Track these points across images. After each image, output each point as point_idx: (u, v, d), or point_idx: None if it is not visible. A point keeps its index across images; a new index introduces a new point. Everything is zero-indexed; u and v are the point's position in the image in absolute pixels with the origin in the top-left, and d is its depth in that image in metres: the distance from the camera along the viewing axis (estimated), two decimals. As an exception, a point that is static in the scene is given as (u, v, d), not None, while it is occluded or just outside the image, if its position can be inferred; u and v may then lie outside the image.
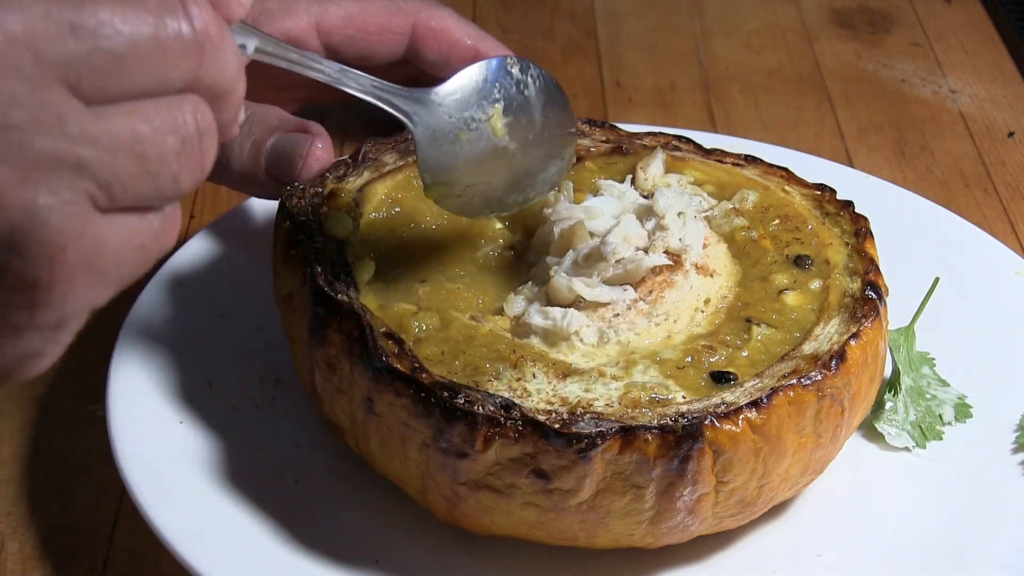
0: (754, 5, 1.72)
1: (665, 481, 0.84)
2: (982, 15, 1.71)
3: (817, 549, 0.94)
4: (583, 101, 1.51)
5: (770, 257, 0.98)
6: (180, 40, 0.58)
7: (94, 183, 0.56)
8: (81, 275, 0.56)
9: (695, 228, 0.96)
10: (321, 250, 0.95)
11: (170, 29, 0.58)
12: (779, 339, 0.91)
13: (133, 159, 0.57)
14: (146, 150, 0.57)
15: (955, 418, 1.03)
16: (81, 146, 0.55)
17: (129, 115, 0.57)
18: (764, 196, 1.03)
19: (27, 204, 0.54)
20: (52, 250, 0.55)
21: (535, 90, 0.91)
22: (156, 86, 0.58)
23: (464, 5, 1.69)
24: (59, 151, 0.54)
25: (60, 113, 0.54)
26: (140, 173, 0.57)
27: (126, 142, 0.57)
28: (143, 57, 0.57)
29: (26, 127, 0.53)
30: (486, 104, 0.89)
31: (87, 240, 0.56)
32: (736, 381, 0.87)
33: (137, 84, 0.57)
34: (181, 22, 0.58)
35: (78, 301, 0.57)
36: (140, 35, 0.57)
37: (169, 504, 0.91)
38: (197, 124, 0.59)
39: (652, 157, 1.05)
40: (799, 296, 0.94)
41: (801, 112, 1.51)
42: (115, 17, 0.56)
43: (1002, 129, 1.49)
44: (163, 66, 0.58)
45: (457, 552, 0.92)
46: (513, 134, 0.90)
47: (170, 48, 0.58)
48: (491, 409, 0.83)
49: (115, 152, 0.56)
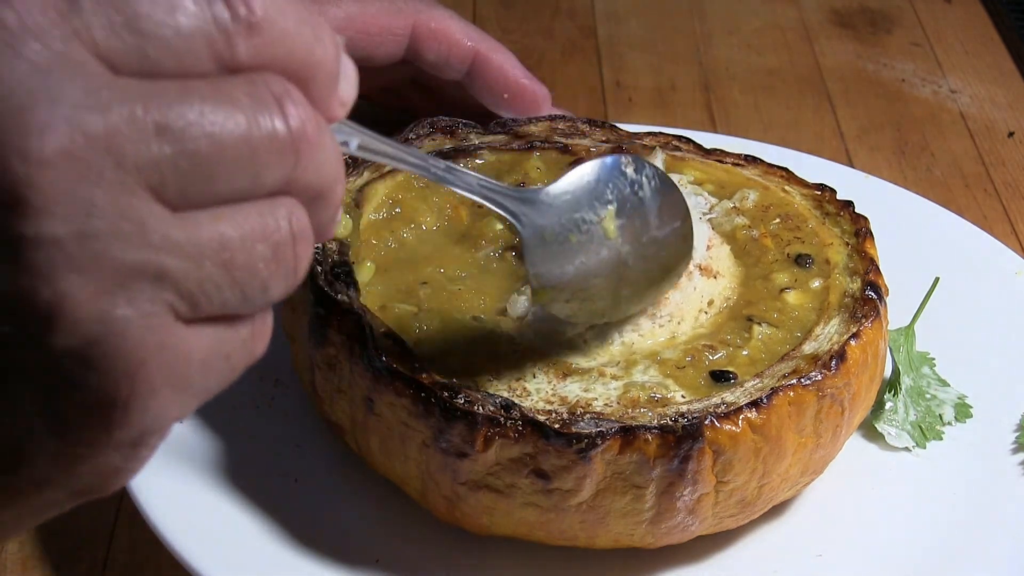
0: (754, 5, 1.72)
1: (665, 481, 0.84)
2: (982, 15, 1.71)
3: (817, 549, 0.94)
4: (583, 101, 1.51)
5: (771, 256, 0.98)
6: (275, 140, 0.53)
7: (176, 293, 0.51)
8: (162, 389, 0.52)
9: (699, 230, 0.96)
10: (321, 250, 0.95)
11: (264, 129, 0.52)
12: (780, 338, 0.91)
13: (220, 268, 0.52)
14: (234, 258, 0.52)
15: (955, 418, 1.03)
16: (164, 255, 0.50)
17: (216, 220, 0.52)
18: (764, 195, 1.03)
19: (104, 316, 0.49)
20: (131, 365, 0.51)
21: (650, 191, 0.85)
22: (247, 190, 0.53)
23: (464, 5, 1.69)
24: (140, 261, 0.50)
25: (142, 220, 0.50)
26: (227, 282, 0.53)
27: (213, 250, 0.52)
28: (234, 160, 0.52)
29: (106, 236, 0.49)
30: (598, 205, 0.83)
31: (168, 353, 0.52)
32: (736, 380, 0.87)
33: (226, 188, 0.52)
34: (275, 121, 0.52)
35: (159, 416, 0.53)
36: (231, 136, 0.52)
37: (169, 504, 0.91)
38: (291, 229, 0.54)
39: (652, 157, 1.05)
40: (800, 295, 0.94)
41: (801, 112, 1.51)
42: (205, 118, 0.51)
43: (1002, 129, 1.49)
44: (255, 168, 0.53)
45: (457, 552, 0.92)
46: (626, 236, 0.84)
47: (263, 149, 0.52)
48: (491, 409, 0.83)
49: (200, 261, 0.52)
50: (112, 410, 0.51)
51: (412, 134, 1.07)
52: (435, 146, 1.07)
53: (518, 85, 1.15)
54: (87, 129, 0.49)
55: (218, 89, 0.52)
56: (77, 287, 0.49)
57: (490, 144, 1.08)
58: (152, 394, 0.52)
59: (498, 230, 1.00)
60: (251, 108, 0.52)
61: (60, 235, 0.48)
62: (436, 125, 1.09)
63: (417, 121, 1.09)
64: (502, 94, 1.16)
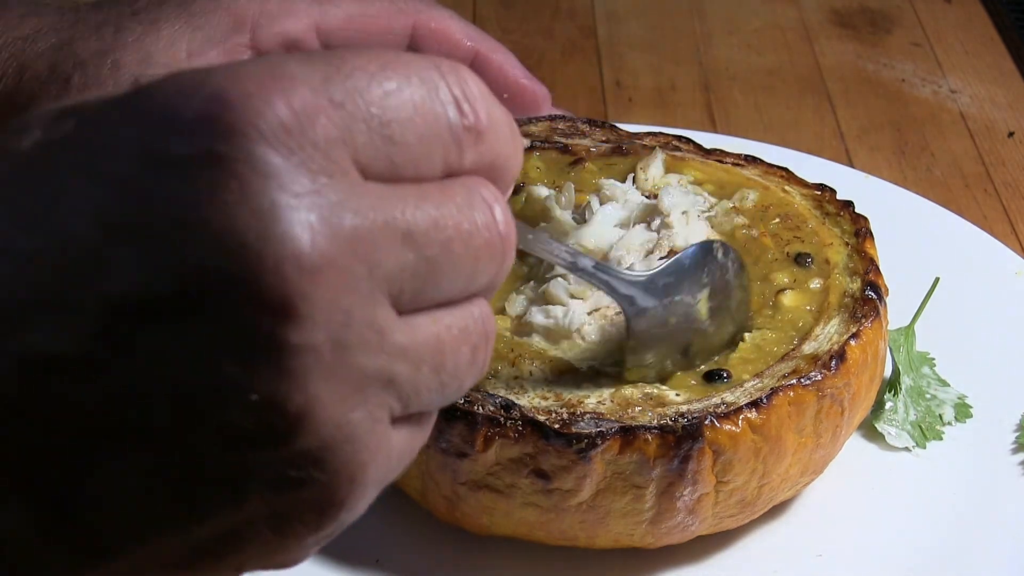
0: (754, 5, 1.72)
1: (665, 481, 0.84)
2: (982, 15, 1.71)
3: (817, 549, 0.94)
4: (583, 101, 1.51)
5: (771, 255, 0.98)
6: (492, 247, 0.53)
7: (397, 397, 0.51)
8: (372, 488, 0.53)
9: (698, 227, 0.96)
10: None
11: (483, 235, 0.52)
12: (773, 339, 0.91)
13: (433, 371, 0.52)
14: (445, 361, 0.53)
15: (955, 418, 1.03)
16: (395, 361, 0.51)
17: (434, 324, 0.52)
18: (764, 195, 1.03)
19: (341, 421, 0.49)
20: (356, 469, 0.51)
21: (733, 272, 0.90)
22: (462, 292, 0.53)
23: (464, 5, 1.69)
24: (377, 368, 0.50)
25: (383, 328, 0.50)
26: (436, 384, 0.53)
27: (430, 353, 0.52)
28: (458, 264, 0.52)
29: (355, 345, 0.49)
30: (696, 288, 0.88)
31: (383, 454, 0.52)
32: (730, 379, 0.87)
33: (447, 291, 0.52)
34: (491, 227, 0.53)
35: (360, 512, 0.54)
36: (459, 242, 0.51)
37: (169, 504, 0.91)
38: (484, 328, 0.54)
39: (652, 157, 1.05)
40: (797, 296, 0.94)
41: (801, 112, 1.51)
42: (440, 224, 0.51)
43: (1002, 129, 1.49)
44: (474, 273, 0.53)
45: (457, 552, 0.92)
46: (713, 316, 0.89)
47: (484, 255, 0.53)
48: (491, 409, 0.83)
49: (420, 365, 0.52)
50: (331, 508, 0.52)
51: (412, 134, 1.07)
52: (435, 146, 1.07)
53: (518, 85, 1.15)
54: (344, 233, 0.48)
55: (444, 194, 0.52)
56: (326, 394, 0.49)
57: (490, 144, 1.08)
58: (365, 493, 0.52)
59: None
60: (467, 207, 0.52)
61: (319, 343, 0.48)
62: (436, 125, 1.08)
63: (417, 121, 1.08)
64: (502, 94, 1.15)
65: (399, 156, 0.51)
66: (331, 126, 0.49)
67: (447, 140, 0.52)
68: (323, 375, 0.48)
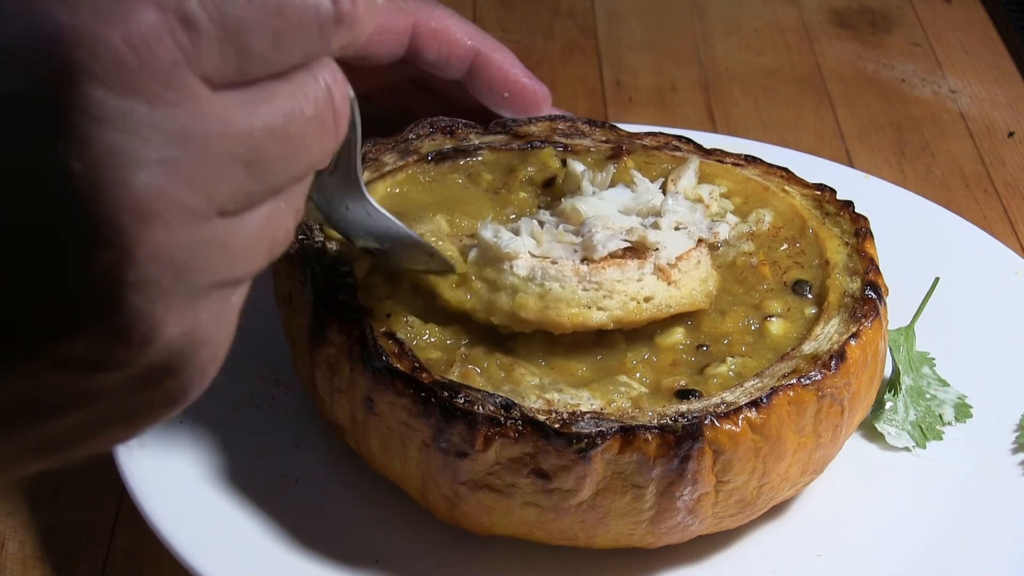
0: (754, 5, 1.72)
1: (665, 481, 0.84)
2: (982, 15, 1.71)
3: (817, 549, 0.94)
4: (583, 101, 1.51)
5: (766, 285, 0.96)
6: (321, 120, 0.55)
7: (239, 280, 0.55)
8: (219, 364, 0.56)
9: (679, 240, 0.94)
10: (321, 250, 0.95)
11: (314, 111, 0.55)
12: (753, 367, 0.89)
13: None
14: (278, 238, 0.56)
15: (955, 418, 1.03)
16: (235, 259, 0.53)
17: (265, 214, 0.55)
18: (778, 217, 1.02)
19: (188, 328, 0.52)
20: (208, 363, 0.54)
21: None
22: (297, 172, 0.56)
23: (464, 5, 1.69)
24: (218, 276, 0.52)
25: (220, 241, 0.51)
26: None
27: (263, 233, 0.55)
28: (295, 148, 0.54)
29: (193, 268, 0.51)
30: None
31: (228, 331, 0.55)
32: (700, 396, 0.86)
33: (282, 174, 0.54)
34: (328, 101, 0.55)
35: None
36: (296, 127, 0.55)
37: (169, 504, 0.91)
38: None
39: (685, 168, 1.03)
40: (785, 324, 0.93)
41: (801, 112, 1.51)
42: (279, 125, 0.53)
43: (1002, 129, 1.49)
44: (306, 149, 0.55)
45: (457, 552, 0.92)
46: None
47: (312, 128, 0.55)
48: (491, 409, 0.83)
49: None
50: (184, 398, 0.55)
51: (412, 134, 1.07)
52: (435, 146, 1.07)
53: (518, 84, 1.15)
54: (186, 170, 0.49)
55: (291, 92, 0.53)
56: (171, 314, 0.51)
57: (490, 144, 1.08)
58: (215, 372, 0.56)
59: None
60: (306, 100, 0.53)
61: (158, 277, 0.50)
62: (436, 125, 1.09)
63: (417, 121, 1.09)
64: (502, 93, 1.15)
65: (250, 63, 0.51)
66: (175, 48, 0.48)
67: (312, 34, 0.52)
68: (164, 300, 0.49)
